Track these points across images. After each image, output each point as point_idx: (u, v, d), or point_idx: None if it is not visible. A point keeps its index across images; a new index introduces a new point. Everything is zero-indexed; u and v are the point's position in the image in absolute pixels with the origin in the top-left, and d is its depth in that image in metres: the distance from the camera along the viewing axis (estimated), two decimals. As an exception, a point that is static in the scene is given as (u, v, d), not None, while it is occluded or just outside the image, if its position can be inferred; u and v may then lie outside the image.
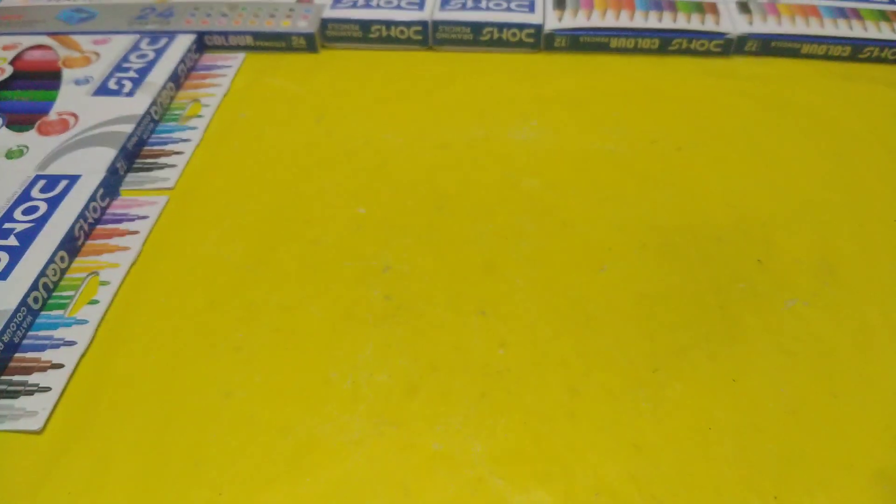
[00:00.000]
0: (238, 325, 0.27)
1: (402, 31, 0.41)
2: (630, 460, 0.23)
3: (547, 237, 0.30)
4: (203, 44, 0.42)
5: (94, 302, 0.28)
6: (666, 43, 0.40)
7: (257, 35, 0.41)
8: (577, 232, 0.30)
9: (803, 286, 0.28)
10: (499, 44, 0.41)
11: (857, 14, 0.41)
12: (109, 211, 0.32)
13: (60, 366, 0.26)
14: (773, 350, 0.26)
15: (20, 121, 0.35)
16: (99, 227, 0.31)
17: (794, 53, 0.40)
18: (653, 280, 0.28)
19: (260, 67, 0.41)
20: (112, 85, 0.37)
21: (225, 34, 0.41)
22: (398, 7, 0.41)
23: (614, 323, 0.27)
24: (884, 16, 0.41)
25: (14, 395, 0.25)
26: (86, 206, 0.30)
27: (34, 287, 0.27)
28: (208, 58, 0.41)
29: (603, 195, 0.32)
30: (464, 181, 0.33)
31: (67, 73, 0.38)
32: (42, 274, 0.28)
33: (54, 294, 0.28)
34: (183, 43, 0.40)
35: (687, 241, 0.26)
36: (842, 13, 0.41)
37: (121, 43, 0.41)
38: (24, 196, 0.31)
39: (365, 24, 0.41)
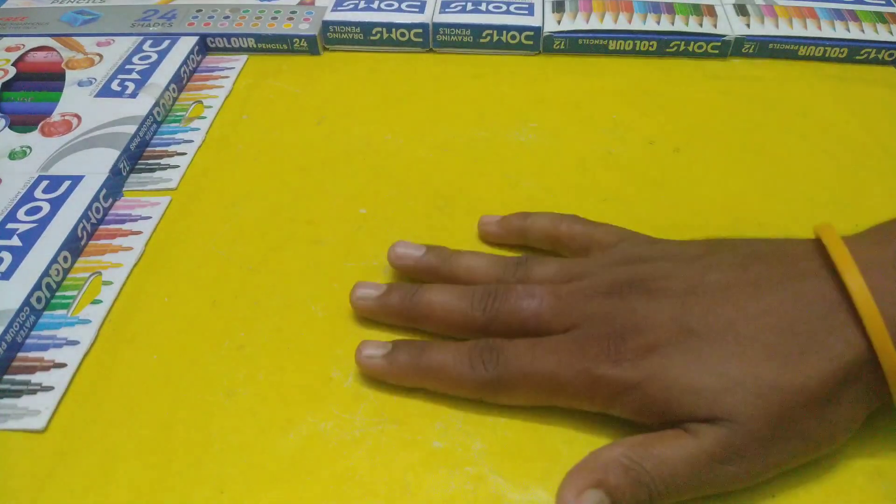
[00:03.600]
0: (240, 324, 0.27)
1: (402, 34, 0.41)
2: (629, 458, 0.23)
3: (546, 237, 0.30)
4: (206, 46, 0.42)
5: (97, 301, 0.28)
6: (664, 45, 0.41)
7: (259, 37, 0.42)
8: (576, 232, 0.31)
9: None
10: (498, 46, 0.41)
11: (854, 16, 0.41)
12: (112, 211, 0.32)
13: (63, 365, 0.26)
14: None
15: (23, 122, 0.36)
16: (102, 227, 0.31)
17: (791, 55, 0.40)
18: (651, 280, 0.28)
19: (262, 69, 0.41)
20: (115, 86, 0.38)
21: (227, 36, 0.42)
22: (399, 10, 0.42)
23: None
24: (881, 18, 0.41)
25: (17, 394, 0.25)
26: (89, 207, 0.31)
27: (37, 287, 0.27)
28: (211, 60, 0.42)
29: (601, 196, 0.32)
30: (464, 182, 0.33)
31: (70, 75, 0.39)
32: (45, 274, 0.28)
33: (57, 294, 0.28)
34: (186, 45, 0.40)
35: (685, 242, 0.26)
36: (839, 15, 0.41)
37: (124, 45, 0.41)
38: (28, 196, 0.31)
39: (366, 27, 0.41)
